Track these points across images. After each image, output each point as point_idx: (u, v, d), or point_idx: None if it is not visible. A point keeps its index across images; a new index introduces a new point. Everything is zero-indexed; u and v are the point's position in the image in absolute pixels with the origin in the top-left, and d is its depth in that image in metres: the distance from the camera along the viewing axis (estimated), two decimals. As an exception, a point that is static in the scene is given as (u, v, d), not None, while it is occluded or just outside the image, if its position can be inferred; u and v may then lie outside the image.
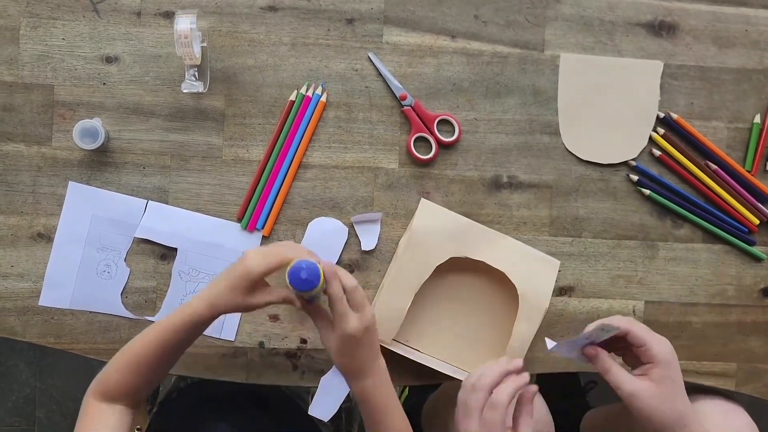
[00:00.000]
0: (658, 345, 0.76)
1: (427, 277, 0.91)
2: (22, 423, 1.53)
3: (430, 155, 0.94)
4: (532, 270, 0.94)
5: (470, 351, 0.96)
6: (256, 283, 0.73)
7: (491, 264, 0.92)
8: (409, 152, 0.95)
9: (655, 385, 0.76)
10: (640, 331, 0.77)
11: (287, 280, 0.73)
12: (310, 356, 0.95)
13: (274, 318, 0.94)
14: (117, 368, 0.79)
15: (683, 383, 0.78)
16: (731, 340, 1.00)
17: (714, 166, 0.98)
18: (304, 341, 0.94)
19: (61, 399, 1.53)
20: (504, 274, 0.92)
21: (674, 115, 0.97)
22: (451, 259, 0.92)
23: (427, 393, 1.30)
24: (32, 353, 1.50)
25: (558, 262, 0.95)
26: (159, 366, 0.79)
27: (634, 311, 0.98)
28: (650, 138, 0.97)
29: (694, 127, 0.98)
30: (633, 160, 0.97)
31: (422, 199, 0.94)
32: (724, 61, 0.99)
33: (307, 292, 0.73)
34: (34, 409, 1.53)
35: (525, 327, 0.92)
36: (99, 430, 0.77)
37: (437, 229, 0.92)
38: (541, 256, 0.95)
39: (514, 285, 0.92)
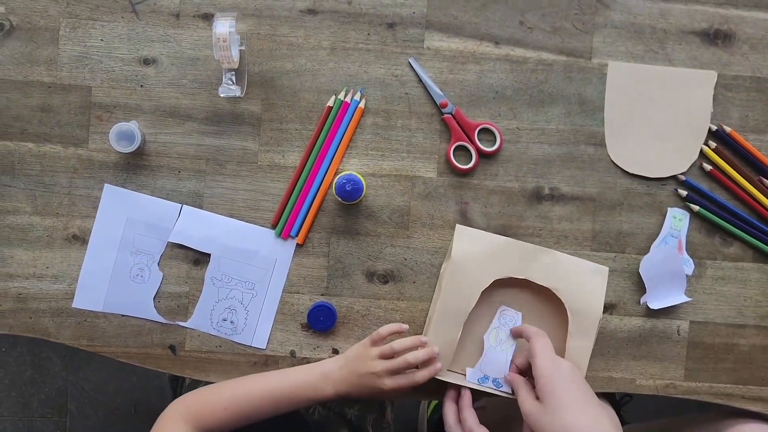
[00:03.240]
0: (538, 360, 0.80)
1: (474, 304, 0.88)
2: (54, 415, 1.55)
3: (470, 165, 0.92)
4: (580, 282, 0.90)
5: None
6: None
7: (536, 281, 0.89)
8: (448, 161, 0.92)
9: (539, 402, 0.78)
10: (533, 347, 0.81)
11: (334, 192, 0.85)
12: (342, 367, 0.93)
13: (306, 327, 0.92)
14: (221, 407, 0.83)
15: (576, 397, 0.78)
16: (781, 364, 0.95)
17: (768, 183, 0.94)
18: (336, 351, 0.93)
19: (93, 392, 1.54)
20: (550, 289, 0.89)
21: (727, 128, 0.93)
22: (496, 280, 0.89)
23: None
24: (65, 346, 1.51)
25: (606, 269, 0.91)
26: (260, 418, 0.85)
27: (678, 331, 0.94)
28: (701, 152, 0.93)
29: (749, 141, 0.94)
30: (682, 174, 0.93)
31: (457, 225, 0.91)
32: (783, 72, 0.94)
33: (353, 201, 0.86)
34: (66, 402, 1.54)
35: (579, 342, 0.89)
36: None
37: (477, 253, 0.90)
38: (587, 266, 0.91)
39: (561, 301, 0.89)
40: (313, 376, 0.85)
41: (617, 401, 1.35)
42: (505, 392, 0.88)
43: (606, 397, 1.34)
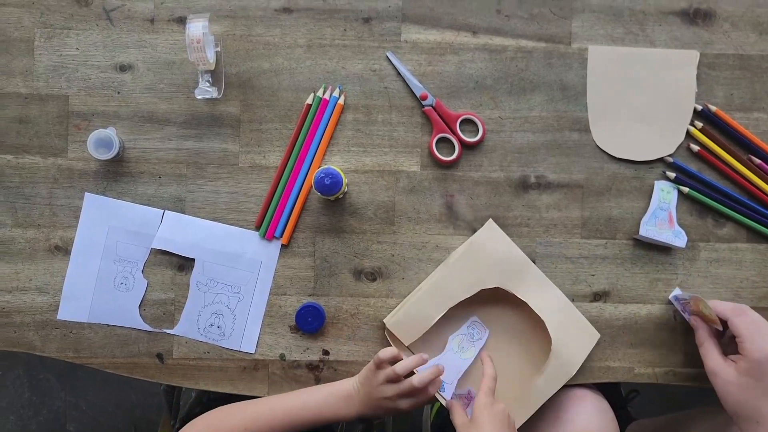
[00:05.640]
0: (752, 343, 0.80)
1: (468, 296, 0.87)
2: (53, 437, 1.53)
3: (454, 156, 0.90)
4: (572, 332, 0.89)
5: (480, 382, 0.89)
6: None
7: (534, 309, 0.88)
8: (431, 154, 0.91)
9: (736, 374, 0.81)
10: (739, 324, 0.81)
11: (314, 187, 0.82)
12: (333, 368, 0.91)
13: (295, 329, 0.91)
14: (242, 426, 0.81)
15: None
16: (782, 346, 0.93)
17: (757, 161, 0.92)
18: (326, 352, 0.91)
19: (92, 413, 1.52)
20: (542, 322, 0.88)
21: (713, 108, 0.92)
22: (496, 288, 0.88)
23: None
24: (62, 366, 1.50)
25: (598, 335, 0.90)
26: None
27: (675, 317, 0.92)
28: (688, 132, 0.92)
29: (735, 120, 0.92)
30: (670, 156, 0.92)
31: (490, 219, 0.90)
32: (766, 48, 0.92)
33: (332, 195, 0.83)
34: (65, 423, 1.52)
35: (545, 384, 0.87)
36: None
37: (495, 253, 0.89)
38: (584, 323, 0.90)
39: (546, 338, 0.88)
40: (335, 398, 0.84)
41: (624, 398, 1.33)
42: (444, 396, 0.87)
43: (612, 393, 1.32)
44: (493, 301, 0.90)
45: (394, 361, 0.82)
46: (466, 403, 0.88)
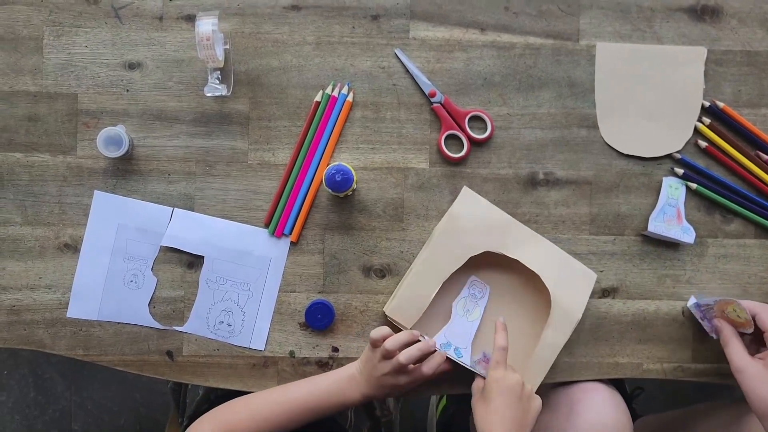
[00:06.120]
0: None
1: (458, 267, 0.87)
2: (58, 436, 1.53)
3: (462, 153, 0.91)
4: (568, 279, 0.89)
5: (491, 349, 0.90)
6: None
7: (527, 265, 0.88)
8: (439, 151, 0.91)
9: (765, 369, 0.81)
10: (766, 318, 0.82)
11: (324, 184, 0.83)
12: (342, 365, 0.91)
13: (304, 326, 0.91)
14: (250, 416, 0.82)
15: None
16: (790, 341, 0.93)
17: (765, 156, 0.92)
18: (335, 349, 0.91)
19: (97, 411, 1.52)
20: (538, 277, 0.88)
21: (720, 104, 0.92)
22: (486, 253, 0.88)
23: (463, 401, 1.26)
24: (68, 365, 1.50)
25: (595, 276, 0.90)
26: (289, 427, 0.83)
27: (683, 312, 0.92)
28: (695, 129, 0.92)
29: (743, 116, 0.92)
30: (678, 152, 0.92)
31: (465, 186, 0.90)
32: (773, 44, 0.93)
33: (343, 192, 0.84)
34: (70, 423, 1.52)
35: (554, 335, 0.87)
36: None
37: (476, 219, 0.89)
38: (578, 267, 0.90)
39: (546, 291, 0.88)
40: (341, 381, 0.84)
41: (629, 394, 1.33)
42: (464, 362, 0.87)
43: (616, 389, 1.32)
44: (486, 266, 0.90)
45: None
46: (486, 367, 0.88)
